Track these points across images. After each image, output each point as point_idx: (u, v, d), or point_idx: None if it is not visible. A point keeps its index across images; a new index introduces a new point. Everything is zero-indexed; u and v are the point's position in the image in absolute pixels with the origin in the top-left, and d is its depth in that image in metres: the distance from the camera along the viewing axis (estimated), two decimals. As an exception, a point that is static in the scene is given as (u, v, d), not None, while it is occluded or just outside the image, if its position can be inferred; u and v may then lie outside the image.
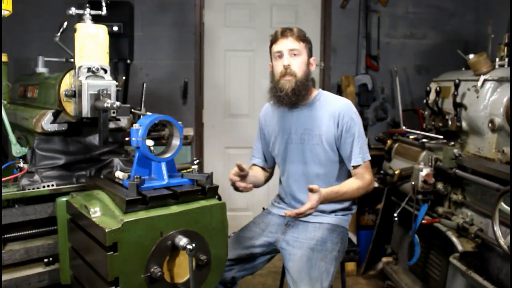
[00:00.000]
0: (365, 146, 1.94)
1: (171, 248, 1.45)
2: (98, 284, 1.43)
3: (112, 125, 1.83)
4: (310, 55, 1.95)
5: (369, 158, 1.94)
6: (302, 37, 1.91)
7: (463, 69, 2.63)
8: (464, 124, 2.42)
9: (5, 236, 1.64)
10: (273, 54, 1.94)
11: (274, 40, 1.93)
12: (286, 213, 1.69)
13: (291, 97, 1.89)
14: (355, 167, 1.90)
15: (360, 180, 1.90)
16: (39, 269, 1.66)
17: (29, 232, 1.69)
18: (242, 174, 1.81)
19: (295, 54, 1.89)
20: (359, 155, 1.90)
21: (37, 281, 1.65)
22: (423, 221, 2.39)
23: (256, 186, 1.98)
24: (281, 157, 2.03)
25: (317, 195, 1.68)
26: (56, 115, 1.74)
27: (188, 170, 1.73)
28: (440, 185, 2.37)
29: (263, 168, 2.16)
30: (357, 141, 1.90)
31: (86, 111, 1.58)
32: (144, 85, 2.34)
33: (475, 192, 2.26)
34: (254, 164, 2.16)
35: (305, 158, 1.96)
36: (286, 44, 1.88)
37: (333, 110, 1.92)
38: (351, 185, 1.89)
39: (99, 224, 1.38)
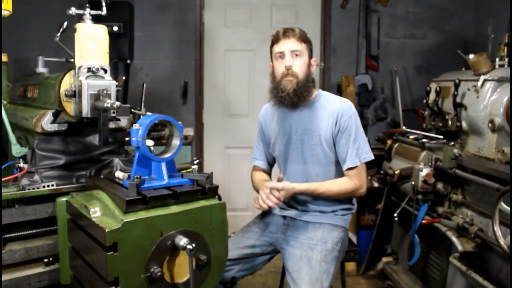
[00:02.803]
0: (366, 145, 1.92)
1: (171, 248, 1.45)
2: (98, 284, 1.43)
3: (112, 125, 1.83)
4: (310, 56, 1.95)
5: (372, 157, 1.91)
6: (304, 38, 1.91)
7: (463, 69, 2.63)
8: (464, 124, 2.42)
9: (5, 236, 1.63)
10: (274, 55, 1.93)
11: (275, 40, 1.92)
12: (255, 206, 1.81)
13: (293, 97, 1.89)
14: (349, 169, 1.88)
15: (346, 183, 1.87)
16: (39, 269, 1.66)
17: (29, 232, 1.69)
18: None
19: (296, 55, 1.88)
20: (356, 157, 1.88)
21: (37, 281, 1.65)
22: (423, 221, 2.39)
23: None
24: (282, 158, 2.03)
25: (283, 192, 1.79)
26: (56, 115, 1.74)
27: (188, 170, 1.74)
28: (440, 185, 2.37)
29: (265, 171, 2.15)
30: (353, 143, 1.88)
31: (86, 111, 1.58)
32: (144, 85, 2.35)
33: (475, 192, 2.26)
34: (255, 166, 2.15)
35: (305, 158, 1.95)
36: (288, 45, 1.88)
37: (333, 109, 1.91)
38: (332, 186, 1.87)
39: (99, 224, 1.38)
